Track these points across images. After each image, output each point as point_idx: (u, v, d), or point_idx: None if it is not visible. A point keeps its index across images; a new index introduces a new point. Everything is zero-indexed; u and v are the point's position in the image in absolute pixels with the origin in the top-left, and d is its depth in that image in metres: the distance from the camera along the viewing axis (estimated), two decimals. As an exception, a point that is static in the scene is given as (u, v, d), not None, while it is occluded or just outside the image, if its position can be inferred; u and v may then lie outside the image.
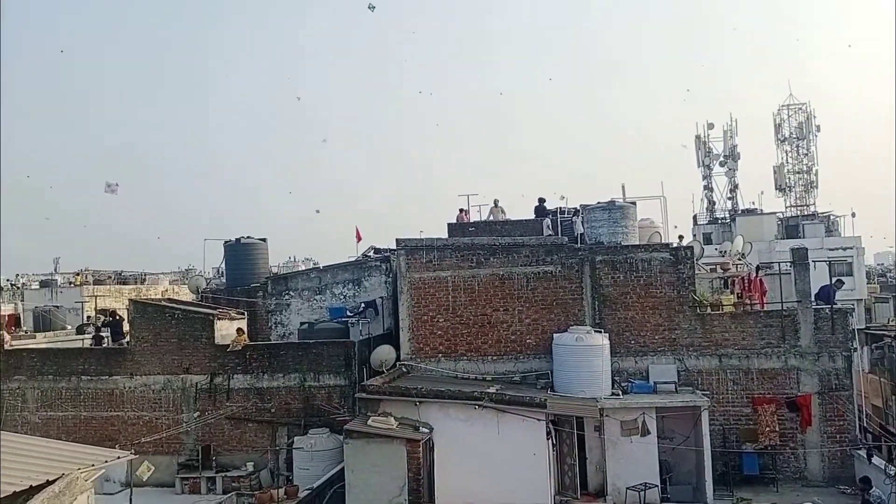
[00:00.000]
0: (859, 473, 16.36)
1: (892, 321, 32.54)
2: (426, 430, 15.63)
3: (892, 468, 15.18)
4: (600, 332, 17.71)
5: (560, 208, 22.89)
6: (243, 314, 21.40)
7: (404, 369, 18.72)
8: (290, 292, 22.49)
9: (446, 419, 15.89)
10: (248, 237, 24.93)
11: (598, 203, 20.65)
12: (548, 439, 15.64)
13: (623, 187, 21.31)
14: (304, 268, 37.02)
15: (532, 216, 23.43)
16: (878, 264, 72.07)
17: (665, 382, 17.48)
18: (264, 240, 25.16)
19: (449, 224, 23.58)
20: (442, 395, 16.12)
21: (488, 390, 16.27)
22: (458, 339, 18.96)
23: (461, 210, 25.77)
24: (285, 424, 18.86)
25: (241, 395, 19.34)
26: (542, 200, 24.02)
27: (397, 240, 19.77)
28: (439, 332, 19.03)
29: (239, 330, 20.27)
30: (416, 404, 16.04)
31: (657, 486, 15.73)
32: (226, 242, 24.88)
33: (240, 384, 19.41)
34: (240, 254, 24.48)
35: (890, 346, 26.81)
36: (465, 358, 18.86)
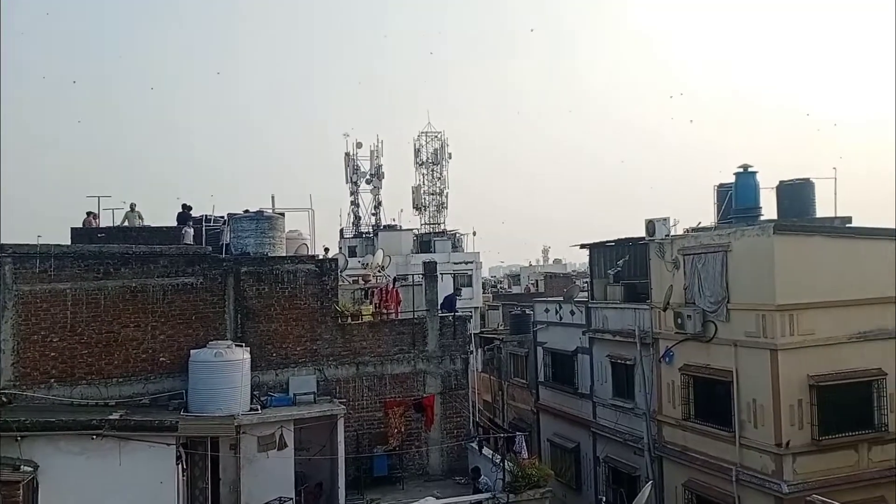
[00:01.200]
0: (472, 464, 18.47)
1: (500, 326, 37.90)
2: (29, 469, 13.36)
3: (498, 457, 17.44)
4: (242, 346, 17.17)
5: (206, 216, 21.68)
6: None
7: (4, 399, 15.85)
8: None
9: (57, 454, 13.82)
10: None
11: (246, 212, 20.10)
12: (178, 464, 14.57)
13: (273, 198, 21.08)
14: None
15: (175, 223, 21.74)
16: (492, 276, 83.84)
17: (305, 394, 17.66)
18: None
19: (73, 229, 20.62)
20: (51, 427, 13.98)
21: (110, 417, 14.59)
22: (77, 362, 16.71)
23: (89, 213, 22.82)
24: None
25: None
26: (186, 207, 22.46)
27: (1, 245, 16.71)
28: (52, 354, 16.56)
29: None
30: (17, 440, 13.64)
31: (292, 498, 15.74)
32: None
33: None
34: None
35: (498, 347, 31.14)
36: (85, 382, 16.70)
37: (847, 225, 18.80)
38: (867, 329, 16.52)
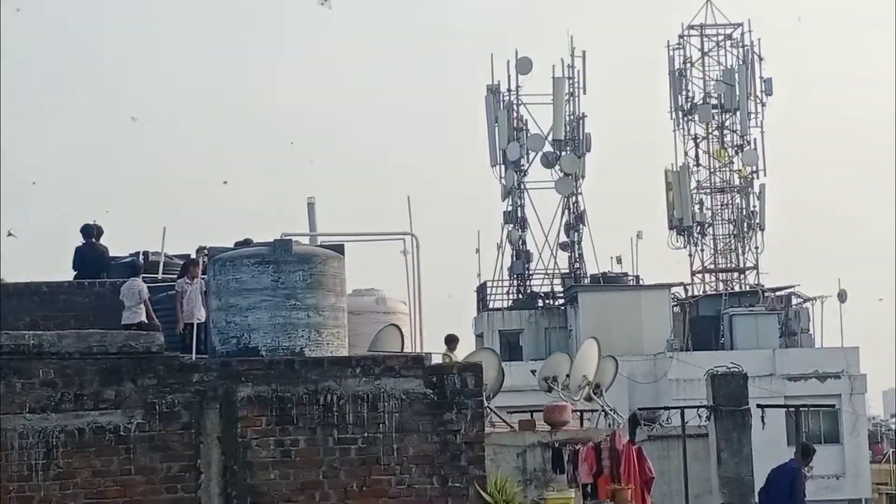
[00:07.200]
0: None
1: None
2: None
3: None
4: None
5: (140, 254, 10.95)
6: None
7: None
8: None
9: None
10: None
11: (246, 243, 9.11)
12: None
13: (311, 205, 9.96)
14: None
15: None
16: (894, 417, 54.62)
17: None
18: None
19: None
20: None
21: None
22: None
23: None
24: None
25: None
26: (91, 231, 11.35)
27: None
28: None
29: None
30: None
31: None
32: None
33: None
34: None
35: None
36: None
37: None
38: None
